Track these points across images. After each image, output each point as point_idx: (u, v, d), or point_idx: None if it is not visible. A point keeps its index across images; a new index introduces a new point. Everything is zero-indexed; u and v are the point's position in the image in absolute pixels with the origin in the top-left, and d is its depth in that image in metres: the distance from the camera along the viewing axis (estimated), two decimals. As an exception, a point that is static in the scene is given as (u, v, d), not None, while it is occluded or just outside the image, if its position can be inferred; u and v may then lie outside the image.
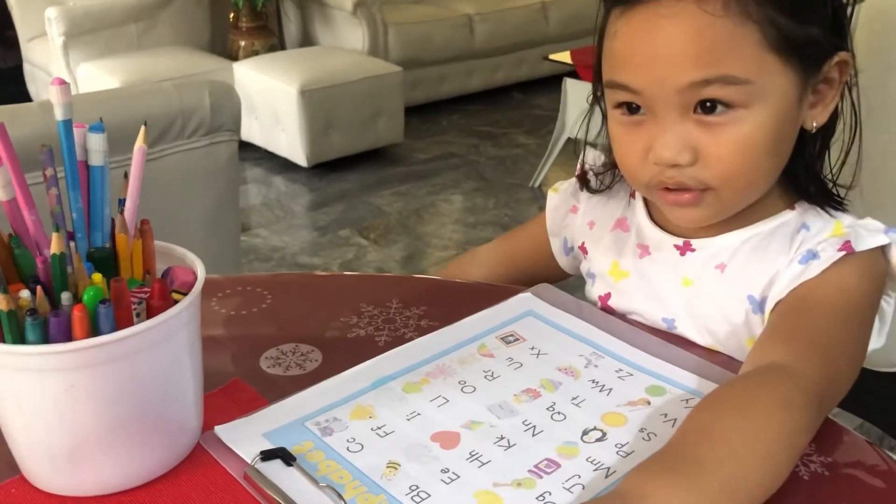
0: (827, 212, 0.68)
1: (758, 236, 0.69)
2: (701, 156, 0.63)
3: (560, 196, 0.84)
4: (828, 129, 0.68)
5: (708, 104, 0.61)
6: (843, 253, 0.63)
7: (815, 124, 0.66)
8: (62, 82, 0.51)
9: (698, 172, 0.63)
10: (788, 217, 0.69)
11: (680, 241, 0.72)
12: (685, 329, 0.72)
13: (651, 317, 0.74)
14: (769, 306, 0.65)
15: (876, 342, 0.68)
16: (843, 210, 0.69)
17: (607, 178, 0.79)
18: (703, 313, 0.71)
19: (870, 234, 0.65)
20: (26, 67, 3.73)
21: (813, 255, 0.65)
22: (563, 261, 0.86)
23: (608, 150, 0.75)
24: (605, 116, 0.71)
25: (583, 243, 0.81)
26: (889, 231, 0.66)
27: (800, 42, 0.61)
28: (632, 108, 0.65)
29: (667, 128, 0.63)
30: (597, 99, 0.73)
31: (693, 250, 0.72)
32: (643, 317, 0.75)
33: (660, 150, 0.63)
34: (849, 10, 0.65)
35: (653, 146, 0.64)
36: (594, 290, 0.80)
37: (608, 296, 0.77)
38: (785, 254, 0.67)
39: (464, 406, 0.62)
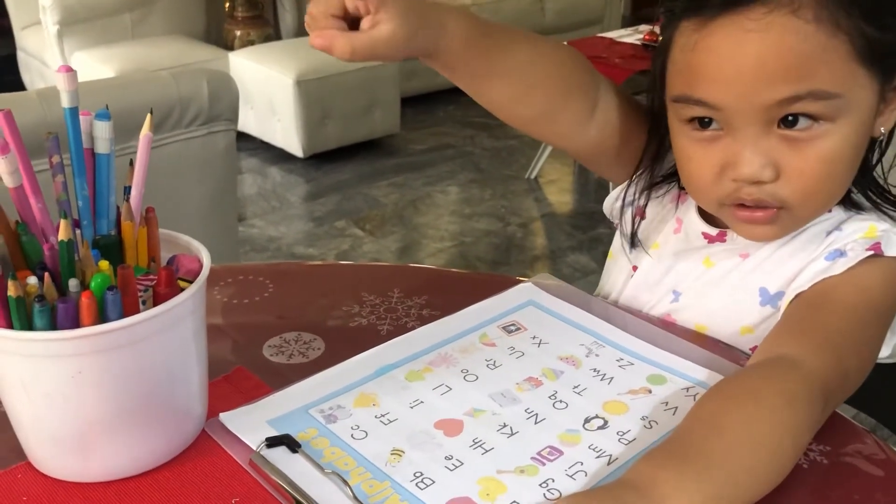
0: (879, 206, 0.67)
1: (789, 234, 0.69)
2: (783, 171, 0.61)
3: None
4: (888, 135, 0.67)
5: (790, 118, 0.59)
6: (871, 253, 0.63)
7: (882, 130, 0.64)
8: (69, 69, 0.51)
9: (778, 189, 0.62)
10: (824, 218, 0.68)
11: (713, 231, 0.72)
12: (686, 303, 0.73)
13: (662, 288, 0.75)
14: (788, 296, 0.65)
15: (884, 350, 0.68)
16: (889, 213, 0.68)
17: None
18: (710, 293, 0.72)
19: None
20: (20, 56, 3.71)
21: (840, 253, 0.64)
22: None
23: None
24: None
25: (643, 208, 0.79)
26: None
27: (883, 50, 0.59)
28: (703, 122, 0.63)
29: (747, 143, 0.61)
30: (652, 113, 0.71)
31: (724, 241, 0.72)
32: (655, 287, 0.76)
33: (742, 167, 0.61)
34: None
35: (732, 162, 0.62)
36: (632, 256, 0.79)
37: (635, 268, 0.79)
38: (811, 253, 0.67)
39: (466, 394, 0.62)
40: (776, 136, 0.60)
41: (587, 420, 0.59)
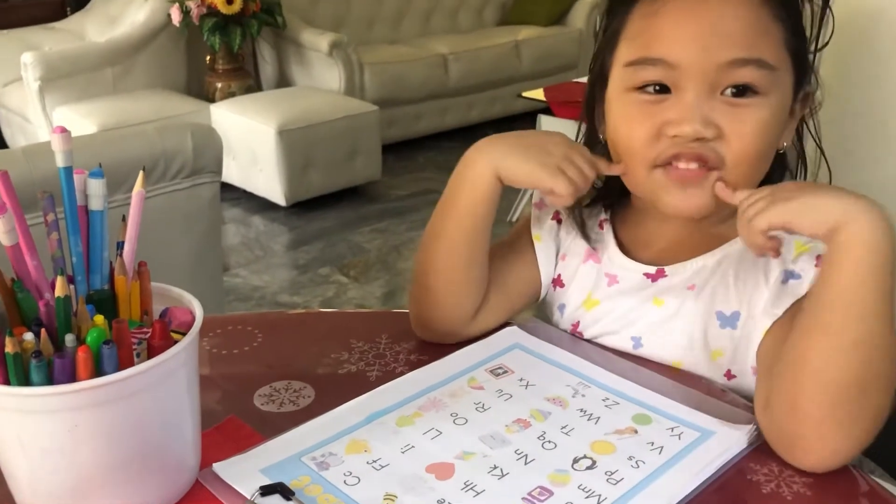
0: None
1: (728, 257, 0.72)
2: (723, 133, 0.67)
3: (545, 233, 0.84)
4: (784, 163, 0.74)
5: (736, 89, 0.66)
6: (815, 263, 0.68)
7: (785, 144, 0.72)
8: (63, 130, 0.53)
9: (718, 146, 0.67)
10: None
11: (652, 269, 0.75)
12: (651, 346, 0.75)
13: (619, 338, 0.76)
14: (763, 326, 0.69)
15: None
16: None
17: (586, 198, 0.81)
18: (670, 329, 0.74)
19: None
20: (1, 112, 3.73)
21: (791, 274, 0.69)
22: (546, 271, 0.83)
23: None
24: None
25: (559, 276, 0.82)
26: None
27: (800, 56, 0.69)
28: (654, 90, 0.69)
29: (692, 104, 0.67)
30: (589, 109, 0.77)
31: (665, 276, 0.74)
32: (611, 338, 0.77)
33: (684, 125, 0.67)
34: (814, 56, 0.71)
35: (675, 121, 0.67)
36: (564, 320, 0.80)
37: (578, 324, 0.79)
38: (755, 272, 0.71)
39: (457, 437, 0.63)
40: (719, 101, 0.67)
41: (576, 460, 0.61)
